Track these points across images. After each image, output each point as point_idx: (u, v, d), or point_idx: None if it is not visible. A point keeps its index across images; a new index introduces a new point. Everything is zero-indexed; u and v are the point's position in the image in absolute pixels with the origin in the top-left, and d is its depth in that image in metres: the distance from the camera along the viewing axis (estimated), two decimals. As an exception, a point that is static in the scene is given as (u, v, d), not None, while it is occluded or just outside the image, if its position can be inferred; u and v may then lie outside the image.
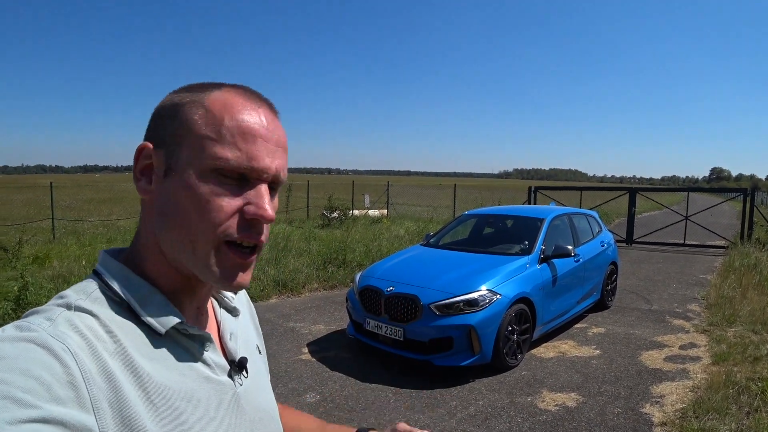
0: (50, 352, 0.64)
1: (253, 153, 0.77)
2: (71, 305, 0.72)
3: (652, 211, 29.88)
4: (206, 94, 0.80)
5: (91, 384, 0.65)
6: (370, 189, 31.12)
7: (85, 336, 0.69)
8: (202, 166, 0.76)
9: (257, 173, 0.78)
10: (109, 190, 47.77)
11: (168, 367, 0.76)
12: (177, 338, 0.80)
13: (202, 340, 0.84)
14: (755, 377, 5.40)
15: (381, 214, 22.31)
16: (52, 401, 0.61)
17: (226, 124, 0.76)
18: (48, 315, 0.70)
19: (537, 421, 4.63)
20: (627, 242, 16.47)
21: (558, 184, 46.39)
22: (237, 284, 0.80)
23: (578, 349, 6.55)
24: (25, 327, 0.67)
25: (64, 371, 0.64)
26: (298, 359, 6.05)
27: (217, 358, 0.86)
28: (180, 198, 0.77)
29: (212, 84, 0.82)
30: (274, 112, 0.83)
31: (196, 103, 0.79)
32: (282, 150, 0.82)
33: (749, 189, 16.15)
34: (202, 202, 0.76)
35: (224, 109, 0.78)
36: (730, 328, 7.22)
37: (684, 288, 10.18)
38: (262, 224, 0.79)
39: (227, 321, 0.96)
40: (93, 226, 17.23)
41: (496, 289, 5.72)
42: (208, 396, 0.80)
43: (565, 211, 8.24)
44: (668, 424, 4.55)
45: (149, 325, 0.77)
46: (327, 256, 11.04)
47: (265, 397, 0.98)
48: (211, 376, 0.82)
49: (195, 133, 0.77)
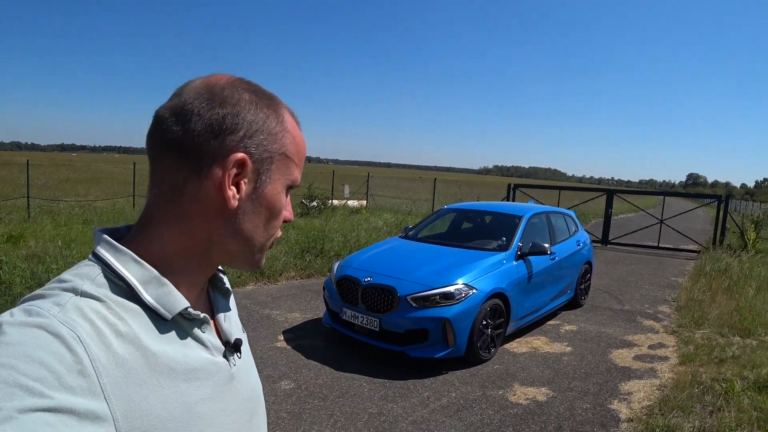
0: (61, 341, 0.64)
1: (300, 173, 0.92)
2: (78, 290, 0.73)
3: (629, 213, 30.21)
4: (282, 113, 0.89)
5: (101, 371, 0.66)
6: (350, 179, 31.08)
7: (94, 323, 0.70)
8: (283, 182, 0.89)
9: (295, 186, 0.93)
10: (86, 170, 47.12)
11: (172, 350, 0.78)
12: (178, 321, 0.82)
13: (201, 321, 0.86)
14: (720, 378, 5.54)
15: (360, 204, 22.31)
16: (63, 390, 0.61)
17: (298, 150, 0.91)
18: (57, 300, 0.70)
19: (508, 414, 4.71)
20: (602, 243, 16.68)
21: (537, 183, 46.58)
22: (260, 265, 0.94)
23: (550, 345, 6.66)
24: (34, 312, 0.67)
25: (74, 360, 0.64)
26: (274, 346, 6.07)
27: (213, 340, 0.88)
28: (265, 206, 0.87)
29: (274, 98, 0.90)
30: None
31: (279, 118, 0.88)
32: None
33: (724, 196, 16.42)
34: (277, 209, 0.89)
35: (294, 134, 0.90)
36: (699, 330, 7.38)
37: (656, 290, 10.36)
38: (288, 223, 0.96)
39: (221, 303, 0.99)
40: (69, 206, 16.99)
41: (473, 283, 5.79)
42: (207, 376, 0.82)
43: (543, 210, 8.33)
44: (635, 420, 4.66)
45: (154, 309, 0.78)
46: (305, 245, 11.03)
47: (253, 376, 1.01)
48: (210, 358, 0.85)
49: (284, 155, 0.88)
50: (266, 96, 0.87)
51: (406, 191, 37.31)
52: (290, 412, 4.55)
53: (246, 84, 0.86)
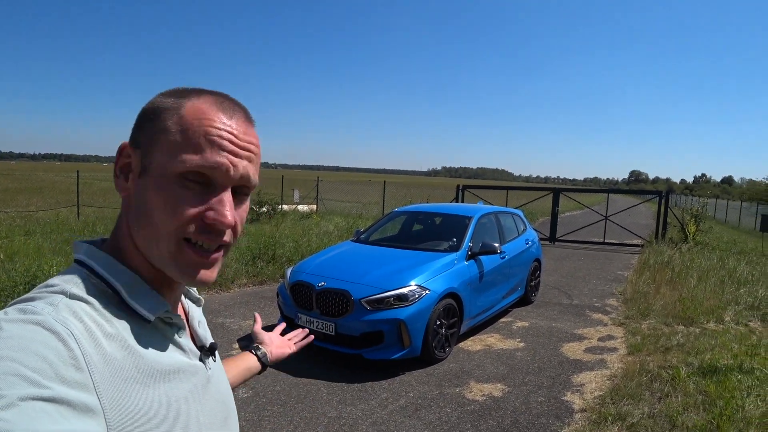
0: (56, 336, 0.67)
1: (217, 159, 0.80)
2: (67, 292, 0.75)
3: (574, 211, 30.89)
4: (185, 100, 0.84)
5: (93, 367, 0.69)
6: (300, 184, 30.92)
7: (85, 322, 0.73)
8: (171, 170, 0.80)
9: (220, 179, 0.81)
10: (26, 180, 45.59)
11: (154, 352, 0.81)
12: (159, 325, 0.85)
13: (178, 327, 0.89)
14: (666, 366, 5.74)
15: (310, 209, 22.21)
16: (59, 382, 0.64)
17: (195, 131, 0.80)
18: (49, 301, 0.73)
19: (465, 411, 4.77)
20: (550, 240, 17.02)
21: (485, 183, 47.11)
22: (199, 280, 0.84)
23: (503, 342, 6.77)
24: (29, 310, 0.70)
25: (69, 354, 0.67)
26: (230, 354, 5.98)
27: (189, 344, 0.92)
28: (151, 198, 0.81)
29: (195, 90, 0.87)
30: (249, 121, 0.88)
31: (173, 109, 0.83)
32: (252, 155, 0.86)
33: (664, 192, 16.95)
34: (168, 203, 0.80)
35: (196, 117, 0.82)
36: (645, 321, 7.62)
37: (603, 284, 10.65)
38: (222, 228, 0.82)
39: (193, 309, 1.04)
40: (9, 217, 16.36)
41: (425, 284, 5.85)
42: (187, 378, 0.86)
43: (492, 210, 8.47)
44: (588, 410, 4.78)
45: (138, 312, 0.81)
46: (256, 252, 10.91)
47: (225, 381, 1.05)
48: (188, 361, 0.88)
49: (168, 139, 0.81)
50: (182, 90, 0.87)
51: (356, 195, 37.31)
52: (249, 420, 4.51)
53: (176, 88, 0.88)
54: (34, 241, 11.23)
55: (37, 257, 8.98)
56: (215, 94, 0.87)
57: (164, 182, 0.80)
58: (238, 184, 0.85)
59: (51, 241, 11.32)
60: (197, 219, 0.81)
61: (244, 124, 0.86)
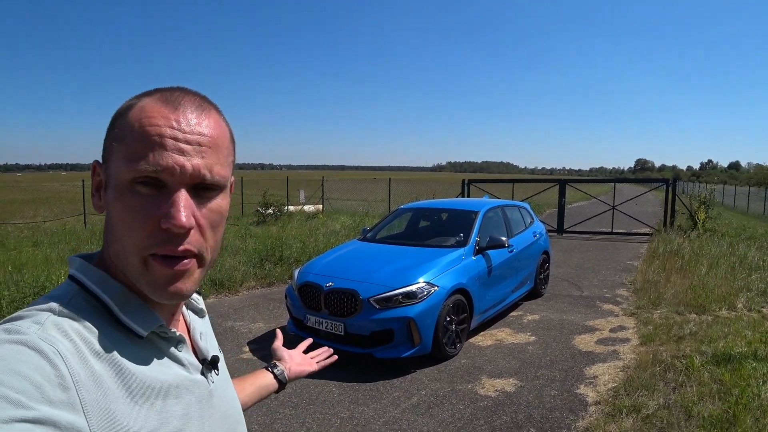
0: (41, 355, 0.65)
1: (159, 161, 0.74)
2: (55, 310, 0.73)
3: (581, 202, 30.79)
4: (136, 102, 0.79)
5: (80, 386, 0.66)
6: (305, 184, 30.94)
7: (73, 339, 0.70)
8: (121, 179, 0.75)
9: (168, 180, 0.75)
10: (33, 191, 45.82)
11: (149, 368, 0.78)
12: (154, 340, 0.82)
13: (177, 340, 0.86)
14: (679, 355, 5.69)
15: (316, 209, 22.20)
16: (45, 402, 0.62)
17: (136, 133, 0.75)
18: (35, 319, 0.70)
19: (478, 407, 4.74)
20: (558, 232, 16.95)
21: (491, 177, 47.15)
22: (171, 294, 0.78)
23: (514, 336, 6.73)
24: (14, 330, 0.67)
25: (55, 374, 0.65)
26: (240, 358, 5.99)
27: (190, 358, 0.88)
28: (112, 211, 0.77)
29: (153, 90, 0.81)
30: (202, 109, 0.80)
31: (122, 114, 0.79)
32: (206, 148, 0.78)
33: (671, 179, 16.87)
34: (124, 216, 0.75)
35: (137, 118, 0.76)
36: (656, 311, 7.57)
37: (612, 274, 10.58)
38: (181, 233, 0.75)
39: (195, 321, 0.99)
40: (17, 228, 16.44)
41: (434, 281, 5.82)
42: (185, 394, 0.82)
43: (499, 204, 8.43)
44: (602, 402, 4.74)
45: (130, 328, 0.78)
46: (263, 254, 10.91)
47: (231, 393, 1.01)
48: (187, 375, 0.85)
49: (118, 146, 0.77)
50: (141, 94, 0.82)
51: (362, 193, 37.32)
52: (261, 423, 4.50)
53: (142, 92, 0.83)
54: (41, 251, 11.28)
55: (45, 267, 9.01)
56: (168, 89, 0.81)
57: (119, 193, 0.76)
58: (197, 182, 0.77)
59: (59, 251, 11.37)
60: (155, 229, 0.74)
61: (193, 114, 0.78)
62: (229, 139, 0.84)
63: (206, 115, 0.80)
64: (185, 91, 0.81)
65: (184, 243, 0.76)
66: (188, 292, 0.79)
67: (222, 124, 0.83)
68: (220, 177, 0.79)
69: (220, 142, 0.81)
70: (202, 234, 0.78)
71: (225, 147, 0.82)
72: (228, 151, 0.83)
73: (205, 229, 0.79)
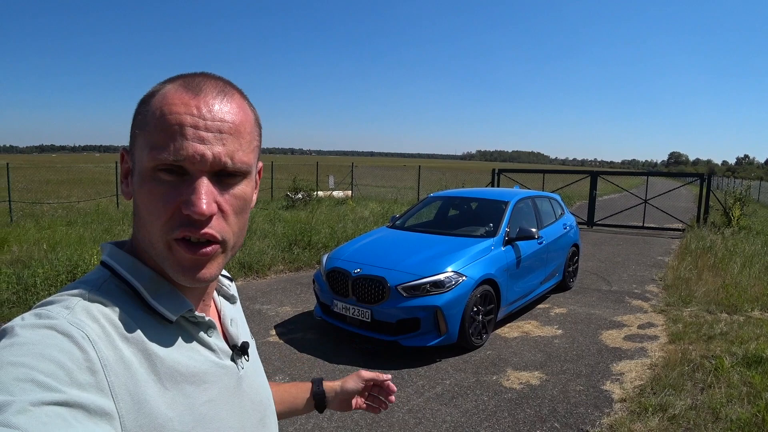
0: (70, 339, 0.66)
1: (179, 147, 0.74)
2: (86, 295, 0.75)
3: (613, 194, 30.40)
4: (157, 89, 0.80)
5: (109, 370, 0.68)
6: (335, 170, 31.03)
7: (102, 324, 0.72)
8: (144, 167, 0.76)
9: (190, 167, 0.75)
10: (67, 171, 46.61)
11: (178, 353, 0.79)
12: (184, 325, 0.83)
13: (207, 326, 0.87)
14: (709, 355, 5.61)
15: (345, 195, 22.27)
16: (73, 385, 0.63)
17: (158, 121, 0.76)
18: (66, 304, 0.72)
19: (502, 399, 4.74)
20: (588, 224, 16.77)
21: (521, 167, 46.79)
22: (195, 278, 0.79)
23: (541, 329, 6.70)
24: (45, 315, 0.69)
25: (83, 357, 0.66)
26: (266, 341, 6.06)
27: (220, 343, 0.89)
28: (137, 198, 0.79)
29: (177, 76, 0.82)
30: (225, 94, 0.80)
31: (145, 102, 0.80)
32: (227, 135, 0.77)
33: (706, 174, 16.54)
34: (148, 202, 0.77)
35: (158, 106, 0.77)
36: (686, 308, 7.46)
37: (643, 269, 10.45)
38: (198, 219, 0.76)
39: (226, 307, 1.00)
40: (52, 208, 16.79)
41: (462, 270, 5.81)
42: (214, 379, 0.83)
43: (529, 194, 8.36)
44: (627, 400, 4.70)
45: (159, 312, 0.80)
46: (292, 238, 11.00)
47: (261, 380, 1.02)
48: (217, 361, 0.86)
49: (141, 134, 0.78)
50: (165, 80, 0.82)
51: (391, 180, 37.30)
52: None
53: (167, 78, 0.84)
54: (75, 231, 11.53)
55: (79, 247, 9.19)
56: (191, 75, 0.81)
57: (143, 180, 0.77)
58: (219, 169, 0.77)
59: (92, 231, 11.62)
60: (176, 213, 0.76)
61: (214, 100, 0.78)
62: (252, 124, 0.84)
63: (228, 100, 0.80)
64: (207, 76, 0.81)
65: (207, 227, 0.76)
66: (211, 276, 0.80)
67: (245, 109, 0.83)
68: (242, 164, 0.79)
69: (243, 127, 0.80)
70: (225, 219, 0.79)
71: (248, 132, 0.81)
72: (251, 136, 0.83)
73: (229, 215, 0.79)
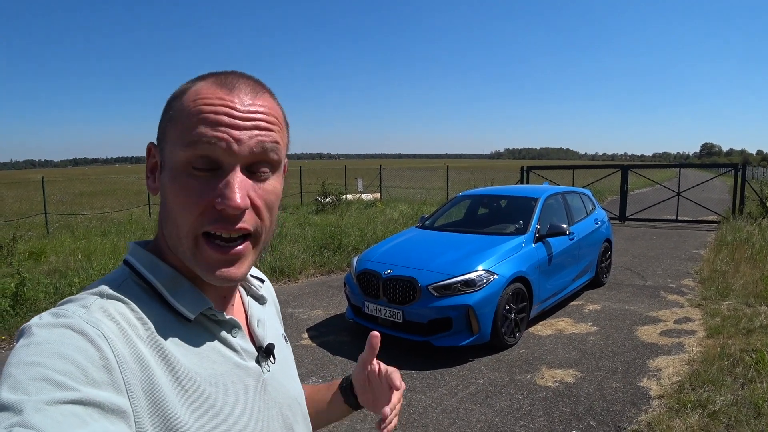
0: (86, 338, 0.67)
1: (214, 139, 0.75)
2: (104, 293, 0.75)
3: (645, 188, 29.99)
4: (191, 86, 0.81)
5: (125, 368, 0.68)
6: (363, 173, 31.11)
7: (118, 322, 0.72)
8: (177, 160, 0.77)
9: (224, 158, 0.76)
10: (100, 183, 47.50)
11: (197, 353, 0.79)
12: (205, 324, 0.83)
13: (230, 325, 0.86)
14: (749, 349, 5.48)
15: (374, 197, 22.31)
16: (89, 384, 0.63)
17: (192, 114, 0.76)
18: (83, 303, 0.73)
19: (537, 398, 4.70)
20: (620, 219, 16.53)
21: (550, 164, 46.23)
22: (221, 277, 0.79)
23: (575, 326, 6.63)
24: (61, 314, 0.70)
25: (99, 356, 0.66)
26: (299, 344, 6.09)
27: (245, 344, 0.88)
28: (167, 193, 0.79)
29: (208, 74, 0.83)
30: (257, 92, 0.81)
31: (178, 97, 0.80)
32: (262, 128, 0.78)
33: (740, 164, 16.20)
34: (179, 197, 0.77)
35: (192, 99, 0.78)
36: (724, 302, 7.30)
37: (677, 263, 10.27)
38: (236, 214, 0.76)
39: (254, 308, 0.99)
40: (86, 219, 17.18)
41: (493, 269, 5.77)
42: (235, 381, 0.82)
43: (559, 190, 8.28)
44: (665, 396, 4.62)
45: (178, 311, 0.80)
46: (322, 242, 11.06)
47: (292, 383, 1.01)
48: (239, 362, 0.85)
49: (173, 128, 0.78)
50: (196, 78, 0.83)
51: (419, 181, 37.27)
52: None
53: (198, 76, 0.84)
54: (109, 240, 11.77)
55: (113, 256, 9.37)
56: (222, 73, 0.82)
57: (174, 174, 0.77)
58: (252, 161, 0.78)
59: (125, 240, 11.80)
60: (209, 208, 0.76)
61: (247, 96, 0.79)
62: (283, 122, 0.85)
63: (260, 97, 0.81)
64: (239, 74, 0.82)
65: (241, 222, 0.77)
66: (241, 276, 0.81)
67: (276, 107, 0.84)
68: (275, 157, 0.80)
69: (275, 122, 0.82)
70: (258, 214, 0.80)
71: (280, 128, 0.83)
72: (282, 132, 0.84)
73: (261, 209, 0.80)
